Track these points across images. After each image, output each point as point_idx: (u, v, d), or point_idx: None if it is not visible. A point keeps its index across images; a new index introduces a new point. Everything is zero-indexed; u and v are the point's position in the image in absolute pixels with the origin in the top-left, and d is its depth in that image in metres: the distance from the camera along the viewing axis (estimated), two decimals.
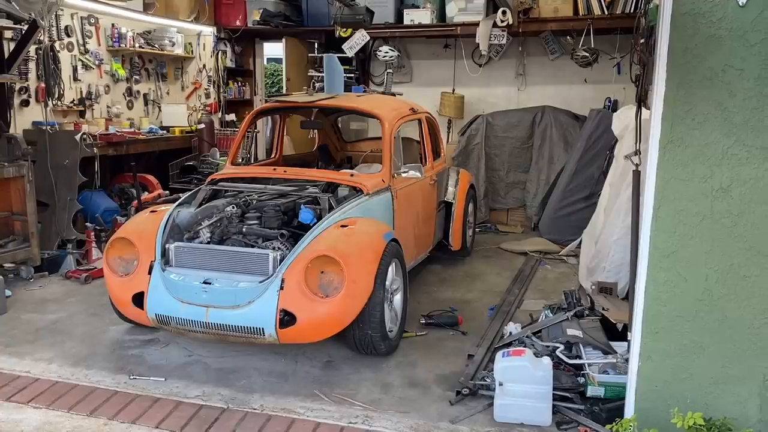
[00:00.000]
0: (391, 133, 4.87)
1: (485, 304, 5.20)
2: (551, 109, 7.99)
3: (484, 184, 8.03)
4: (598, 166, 7.02)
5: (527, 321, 4.75)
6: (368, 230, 4.04)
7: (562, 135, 7.87)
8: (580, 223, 6.88)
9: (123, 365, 3.97)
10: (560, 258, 6.61)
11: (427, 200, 5.50)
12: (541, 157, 7.95)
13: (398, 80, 8.93)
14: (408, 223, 5.02)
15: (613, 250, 4.80)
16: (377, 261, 3.85)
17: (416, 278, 5.75)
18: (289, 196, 4.37)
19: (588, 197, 7.08)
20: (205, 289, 3.72)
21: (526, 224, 8.09)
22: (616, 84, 8.02)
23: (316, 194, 4.31)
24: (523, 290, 5.57)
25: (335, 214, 4.07)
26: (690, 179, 2.69)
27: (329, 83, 5.28)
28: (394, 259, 4.15)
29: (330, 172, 4.69)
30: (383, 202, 4.61)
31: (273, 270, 3.74)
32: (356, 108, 5.11)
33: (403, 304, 4.33)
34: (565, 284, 5.80)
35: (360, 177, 4.64)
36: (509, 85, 8.66)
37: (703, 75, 2.61)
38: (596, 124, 7.12)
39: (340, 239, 3.83)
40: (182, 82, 8.92)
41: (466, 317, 4.87)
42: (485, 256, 6.72)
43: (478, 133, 8.07)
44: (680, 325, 2.78)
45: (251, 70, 9.66)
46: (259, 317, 3.65)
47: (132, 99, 8.02)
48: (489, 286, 5.71)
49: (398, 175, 4.81)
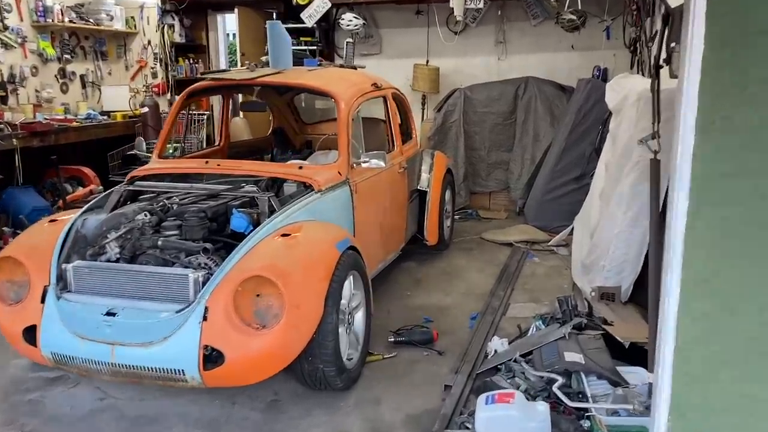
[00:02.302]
0: (348, 115, 4.06)
1: (465, 311, 4.46)
2: (535, 80, 7.21)
3: (463, 166, 7.26)
4: (589, 143, 6.26)
5: (515, 333, 4.02)
6: (317, 238, 3.26)
7: (548, 108, 7.10)
8: (570, 208, 6.15)
9: (14, 417, 3.17)
10: (549, 249, 5.88)
11: (395, 192, 4.72)
12: (525, 133, 7.19)
13: (366, 52, 8.10)
14: (372, 221, 4.25)
15: (614, 246, 4.05)
16: (328, 278, 3.08)
17: (386, 280, 4.99)
18: (220, 198, 3.57)
19: (579, 178, 6.34)
20: (108, 322, 2.94)
21: (510, 208, 7.35)
22: (606, 50, 7.25)
23: (253, 194, 3.51)
24: (509, 290, 4.83)
25: (276, 219, 3.28)
26: (739, 175, 1.93)
27: (274, 56, 4.44)
28: (351, 271, 3.38)
29: (274, 165, 3.88)
30: (339, 199, 3.82)
31: (194, 295, 2.96)
32: (305, 85, 4.28)
33: (365, 323, 3.58)
34: (557, 281, 5.08)
35: (310, 170, 3.84)
36: (488, 55, 7.85)
37: (760, 27, 1.84)
38: (586, 95, 6.35)
39: (280, 253, 3.05)
40: (126, 61, 8.02)
41: (444, 329, 4.13)
42: (466, 249, 5.97)
43: (456, 109, 7.28)
44: (727, 372, 2.04)
45: (204, 45, 8.74)
46: (177, 356, 2.88)
47: (66, 81, 7.12)
48: (470, 287, 4.97)
49: (358, 165, 4.01)
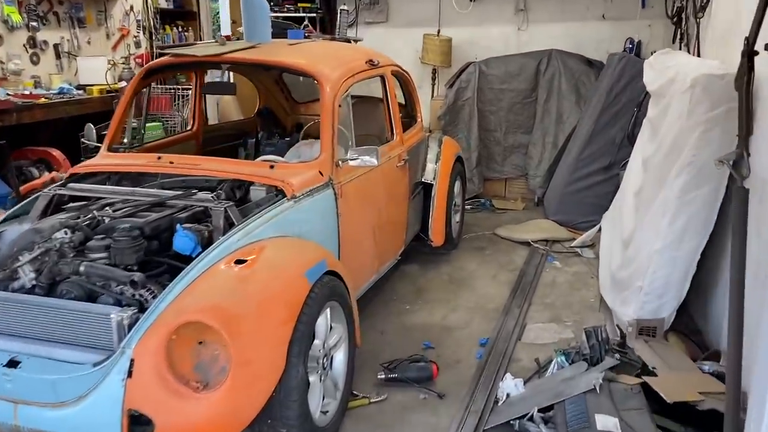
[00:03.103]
0: (333, 100, 3.33)
1: (474, 334, 3.78)
2: (559, 54, 6.39)
3: (476, 149, 6.50)
4: (621, 128, 5.51)
5: (531, 368, 3.34)
6: (280, 266, 2.56)
7: (574, 86, 6.30)
8: (597, 201, 5.44)
9: None
10: (573, 250, 5.15)
11: (394, 190, 4.00)
12: (546, 114, 6.41)
13: (371, 20, 7.29)
14: (362, 230, 3.55)
15: (655, 265, 3.33)
16: (292, 320, 2.39)
17: (382, 290, 4.32)
18: (167, 207, 2.87)
19: (607, 168, 5.59)
20: (8, 375, 2.28)
21: (528, 198, 6.61)
22: (641, 20, 6.40)
23: (206, 203, 2.81)
24: (525, 306, 4.13)
25: (231, 238, 2.59)
26: None
27: (249, 27, 3.69)
28: (329, 302, 2.70)
29: (239, 164, 3.17)
30: (320, 206, 3.12)
31: (119, 342, 2.29)
32: (281, 63, 3.53)
33: (348, 362, 2.91)
34: (582, 293, 4.38)
35: (284, 170, 3.13)
36: (507, 24, 7.00)
37: None
38: (618, 73, 5.54)
39: (229, 288, 2.37)
40: (107, 29, 7.28)
41: (446, 360, 3.45)
42: (477, 248, 5.26)
43: (470, 85, 6.50)
44: None
45: (194, 11, 7.97)
46: (94, 422, 2.23)
47: (37, 51, 6.41)
48: (480, 300, 4.27)
49: (344, 162, 3.29)
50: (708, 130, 3.08)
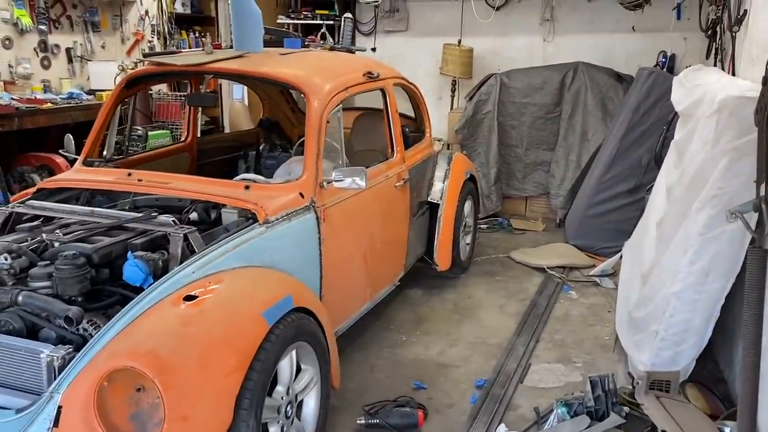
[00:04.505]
0: (321, 116, 3.06)
1: (471, 373, 3.45)
2: (586, 67, 6.01)
3: (496, 165, 6.17)
4: (648, 149, 5.11)
5: (530, 418, 3.01)
6: (234, 304, 2.28)
7: (600, 102, 5.92)
8: (620, 227, 5.07)
9: None
10: (591, 279, 4.78)
11: (391, 212, 3.71)
12: (571, 130, 6.04)
13: (390, 28, 7.05)
14: (351, 256, 3.26)
15: (673, 308, 2.95)
16: (243, 369, 2.11)
17: (380, 316, 4.03)
18: (125, 231, 2.63)
19: (632, 191, 5.20)
20: None
21: (549, 217, 6.24)
22: (675, 32, 5.98)
23: (165, 228, 2.56)
24: (532, 342, 3.79)
25: (186, 269, 2.33)
26: None
27: (238, 35, 3.43)
28: (296, 343, 2.42)
29: (212, 183, 2.90)
30: (299, 232, 2.84)
31: (48, 385, 2.05)
32: (266, 75, 3.24)
33: (320, 410, 2.62)
34: (595, 329, 4.02)
35: (260, 191, 2.87)
36: (532, 35, 6.65)
37: None
38: (647, 89, 5.15)
39: (169, 331, 2.10)
40: (122, 34, 7.17)
41: (437, 405, 3.14)
42: (488, 273, 4.92)
43: (490, 98, 6.17)
44: None
45: (212, 16, 7.81)
46: None
47: (48, 55, 6.31)
48: (483, 333, 3.94)
49: (329, 184, 3.02)
50: (736, 160, 2.70)
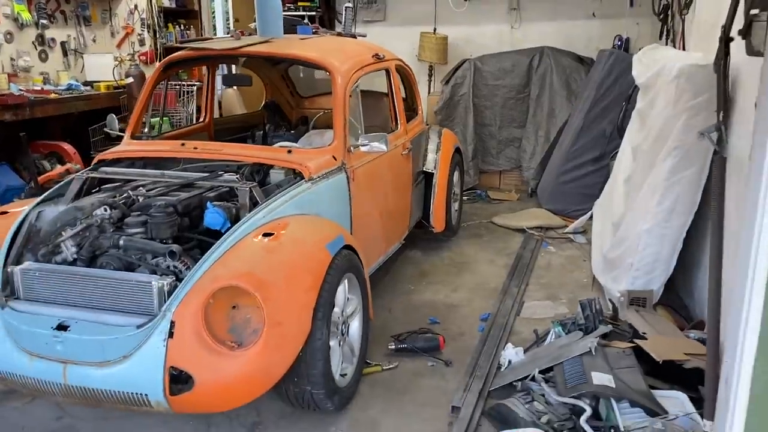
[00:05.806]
0: (345, 91, 3.57)
1: (476, 310, 4.02)
2: (551, 51, 6.66)
3: (472, 143, 6.76)
4: (610, 121, 5.77)
5: (531, 339, 3.59)
6: (304, 239, 2.80)
7: (565, 82, 6.57)
8: (588, 191, 5.70)
9: None
10: (566, 236, 5.41)
11: (399, 177, 4.24)
12: (539, 108, 6.67)
13: (369, 18, 7.54)
14: (372, 212, 3.79)
15: (644, 243, 3.59)
16: (316, 287, 2.63)
17: (388, 273, 4.56)
18: (195, 187, 3.10)
19: (598, 159, 5.85)
20: (59, 337, 2.50)
21: (522, 189, 6.87)
22: (629, 18, 6.66)
23: (232, 184, 3.04)
24: (522, 286, 4.38)
25: (257, 214, 2.82)
26: None
27: (262, 23, 3.93)
28: (346, 274, 2.93)
29: (259, 149, 3.40)
30: (335, 188, 3.36)
31: (159, 307, 2.51)
32: (296, 56, 3.77)
33: (362, 331, 3.15)
34: (575, 274, 4.63)
35: (301, 154, 3.37)
36: (501, 23, 7.27)
37: None
38: (608, 68, 5.82)
39: (259, 257, 2.60)
40: (112, 27, 7.47)
41: (451, 333, 3.70)
42: (475, 235, 5.51)
43: (465, 81, 6.76)
44: None
45: (196, 10, 8.17)
46: (139, 379, 2.45)
47: (45, 49, 6.59)
48: (480, 280, 4.52)
49: (356, 148, 3.53)
50: (692, 116, 3.34)
